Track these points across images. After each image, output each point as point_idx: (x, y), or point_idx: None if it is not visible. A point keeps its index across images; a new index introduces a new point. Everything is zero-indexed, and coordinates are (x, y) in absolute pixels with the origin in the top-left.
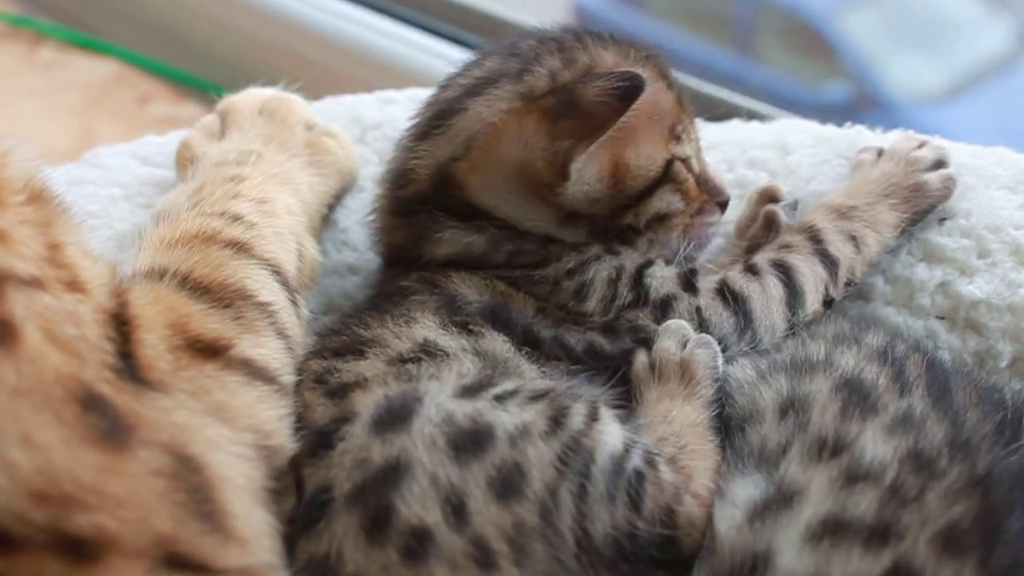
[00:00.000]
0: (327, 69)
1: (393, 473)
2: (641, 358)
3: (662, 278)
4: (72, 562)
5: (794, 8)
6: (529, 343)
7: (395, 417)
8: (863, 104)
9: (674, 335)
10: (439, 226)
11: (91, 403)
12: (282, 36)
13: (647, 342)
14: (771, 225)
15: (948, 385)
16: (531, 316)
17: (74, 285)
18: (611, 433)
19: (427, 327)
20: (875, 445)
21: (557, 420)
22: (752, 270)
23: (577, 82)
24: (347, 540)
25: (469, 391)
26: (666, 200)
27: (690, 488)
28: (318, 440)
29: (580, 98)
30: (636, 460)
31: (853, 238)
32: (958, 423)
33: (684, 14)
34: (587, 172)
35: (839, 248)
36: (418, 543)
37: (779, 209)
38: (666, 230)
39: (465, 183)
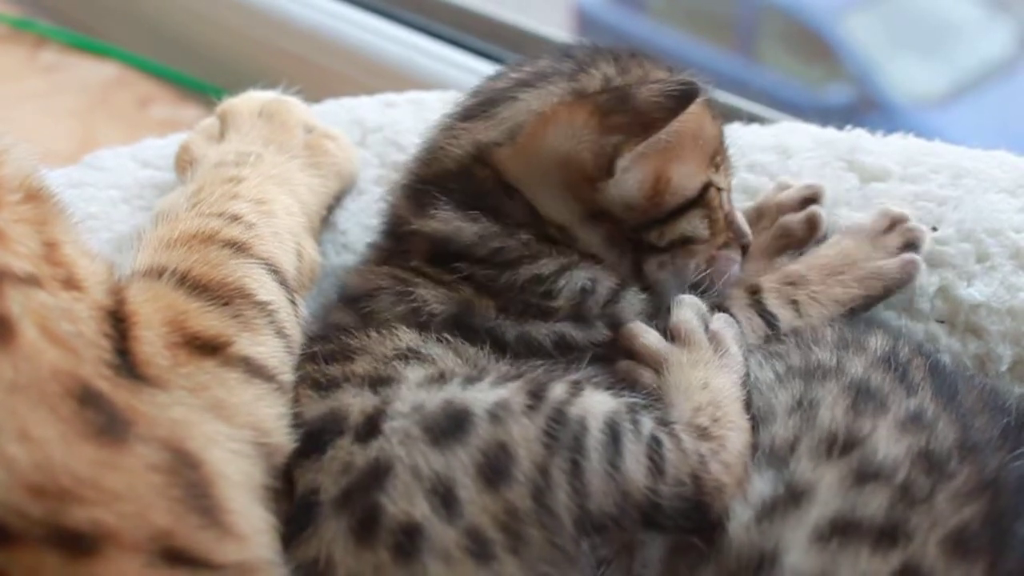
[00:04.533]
0: (327, 72)
1: (375, 473)
2: (649, 335)
3: (633, 303)
4: (70, 555)
5: (795, 11)
6: (495, 345)
7: (370, 423)
8: (864, 107)
9: (690, 307)
10: (436, 205)
11: (88, 399)
12: (282, 39)
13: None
14: (814, 226)
15: (956, 388)
16: (494, 317)
17: (71, 283)
18: (599, 402)
19: (409, 335)
20: (888, 443)
21: (537, 394)
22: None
23: (632, 84)
24: (336, 544)
25: (435, 380)
26: (694, 224)
27: (720, 456)
28: (307, 442)
29: (634, 97)
30: (649, 425)
31: (794, 302)
32: (967, 426)
33: (684, 16)
34: (631, 176)
35: (778, 310)
36: (408, 540)
37: (822, 211)
38: (686, 255)
39: (502, 167)
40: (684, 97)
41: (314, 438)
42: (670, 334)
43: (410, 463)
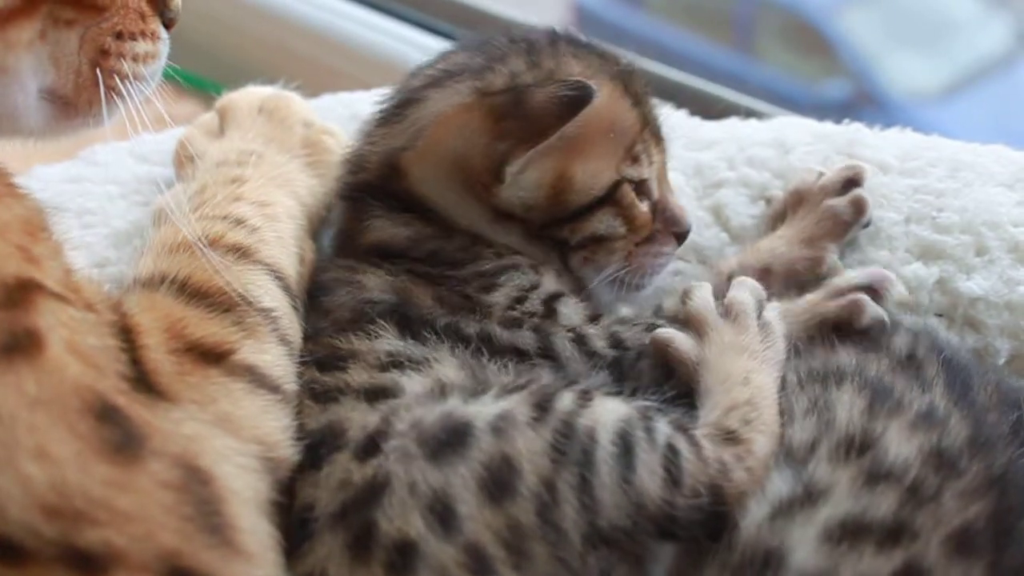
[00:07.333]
0: (326, 67)
1: (372, 491)
2: (703, 297)
3: (573, 309)
4: (79, 574)
5: (793, 6)
6: (432, 332)
7: (371, 442)
8: (862, 102)
9: (751, 291)
10: (370, 214)
11: (106, 415)
12: (281, 34)
13: (549, 344)
14: (860, 209)
15: (969, 383)
16: (428, 305)
17: (89, 305)
18: (610, 410)
19: (391, 338)
20: (899, 443)
21: (542, 406)
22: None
23: (532, 84)
24: (331, 561)
25: (435, 393)
26: (605, 223)
27: (746, 462)
28: (306, 455)
29: (528, 101)
30: (665, 431)
31: None
32: (980, 422)
33: (684, 12)
34: (526, 178)
35: None
36: (400, 557)
37: (866, 193)
38: (605, 253)
39: (408, 172)
40: (576, 103)
41: (312, 451)
42: (723, 310)
43: (407, 479)
